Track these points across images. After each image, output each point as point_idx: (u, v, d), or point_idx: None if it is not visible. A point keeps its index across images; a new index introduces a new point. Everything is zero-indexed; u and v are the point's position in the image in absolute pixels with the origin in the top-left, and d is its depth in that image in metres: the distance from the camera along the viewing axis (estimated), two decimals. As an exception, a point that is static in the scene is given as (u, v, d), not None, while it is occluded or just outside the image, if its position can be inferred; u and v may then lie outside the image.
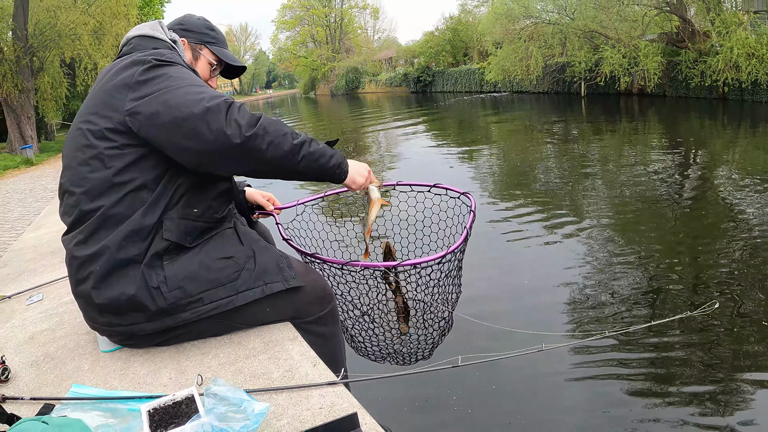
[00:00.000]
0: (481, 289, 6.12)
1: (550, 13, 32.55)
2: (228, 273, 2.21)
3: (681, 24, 25.49)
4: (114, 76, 2.19)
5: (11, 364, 2.41)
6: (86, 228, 2.17)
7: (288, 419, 1.75)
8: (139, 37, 2.42)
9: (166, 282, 2.13)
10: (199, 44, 2.59)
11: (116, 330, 2.26)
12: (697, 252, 6.71)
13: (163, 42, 2.42)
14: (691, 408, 3.87)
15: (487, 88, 44.42)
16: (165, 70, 2.14)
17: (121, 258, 2.13)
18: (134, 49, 2.37)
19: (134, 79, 2.11)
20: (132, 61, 2.18)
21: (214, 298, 2.18)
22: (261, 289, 2.24)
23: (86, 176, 2.16)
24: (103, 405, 1.98)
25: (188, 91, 2.06)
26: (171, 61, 2.20)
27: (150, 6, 36.97)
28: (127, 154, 2.13)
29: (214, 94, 2.06)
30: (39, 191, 14.48)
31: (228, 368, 2.11)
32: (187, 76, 2.15)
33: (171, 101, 2.04)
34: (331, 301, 2.45)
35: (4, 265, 4.64)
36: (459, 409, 4.15)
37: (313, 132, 29.52)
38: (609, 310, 5.41)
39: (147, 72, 2.12)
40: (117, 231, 2.12)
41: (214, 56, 2.62)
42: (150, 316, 2.17)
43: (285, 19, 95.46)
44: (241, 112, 2.02)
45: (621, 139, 16.34)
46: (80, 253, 2.17)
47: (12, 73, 23.43)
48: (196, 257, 2.20)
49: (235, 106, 2.03)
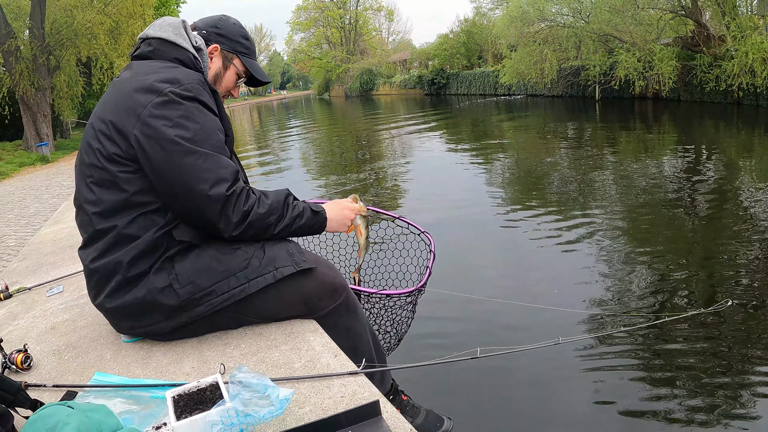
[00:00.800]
0: (498, 287, 6.28)
1: (565, 16, 32.39)
2: (238, 262, 2.21)
3: (696, 28, 25.36)
4: (130, 94, 2.17)
5: (33, 352, 2.43)
6: (100, 246, 2.21)
7: (310, 407, 1.77)
8: (161, 41, 2.37)
9: (177, 279, 2.16)
10: (231, 53, 2.55)
11: (137, 331, 2.32)
12: (711, 252, 6.73)
13: (186, 52, 2.37)
14: (704, 404, 3.90)
15: (501, 91, 44.28)
16: (180, 110, 2.12)
17: (134, 274, 2.18)
18: (153, 54, 2.36)
19: (146, 111, 2.10)
20: (149, 87, 2.14)
21: (225, 288, 2.19)
22: (272, 274, 2.22)
23: (100, 197, 2.19)
24: (125, 392, 2.00)
25: (195, 163, 2.09)
26: (189, 96, 2.16)
27: (166, 6, 37.14)
28: (143, 177, 2.16)
29: (219, 176, 2.11)
30: (55, 188, 14.61)
31: (250, 358, 2.13)
32: (200, 129, 2.14)
33: (176, 164, 2.08)
34: (344, 293, 2.41)
35: (23, 259, 4.71)
36: (478, 399, 4.21)
37: (326, 135, 29.53)
38: (624, 306, 5.48)
39: (161, 107, 2.11)
40: (129, 249, 2.16)
41: (244, 68, 2.59)
42: (167, 315, 2.21)
43: (300, 20, 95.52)
44: (236, 207, 2.13)
45: (635, 144, 16.28)
46: (96, 268, 2.23)
47: (29, 72, 23.64)
48: (204, 252, 2.22)
49: (232, 199, 2.12)
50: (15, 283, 3.78)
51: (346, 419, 1.59)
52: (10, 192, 14.89)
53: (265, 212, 2.19)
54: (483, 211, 9.70)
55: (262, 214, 2.19)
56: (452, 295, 5.32)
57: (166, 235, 2.20)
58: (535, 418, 4.00)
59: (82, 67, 27.51)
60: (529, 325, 5.20)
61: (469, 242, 8.05)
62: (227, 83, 2.57)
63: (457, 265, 6.92)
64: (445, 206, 10.15)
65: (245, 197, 2.15)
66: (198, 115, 2.15)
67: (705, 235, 7.47)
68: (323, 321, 2.38)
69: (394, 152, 18.97)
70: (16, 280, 3.92)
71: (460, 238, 8.18)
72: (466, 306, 5.55)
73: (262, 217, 2.19)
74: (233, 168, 2.16)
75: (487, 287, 6.32)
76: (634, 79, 26.51)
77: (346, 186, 12.95)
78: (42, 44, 23.56)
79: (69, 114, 30.46)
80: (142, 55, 2.38)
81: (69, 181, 15.58)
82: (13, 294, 3.52)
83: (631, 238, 7.53)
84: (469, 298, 5.85)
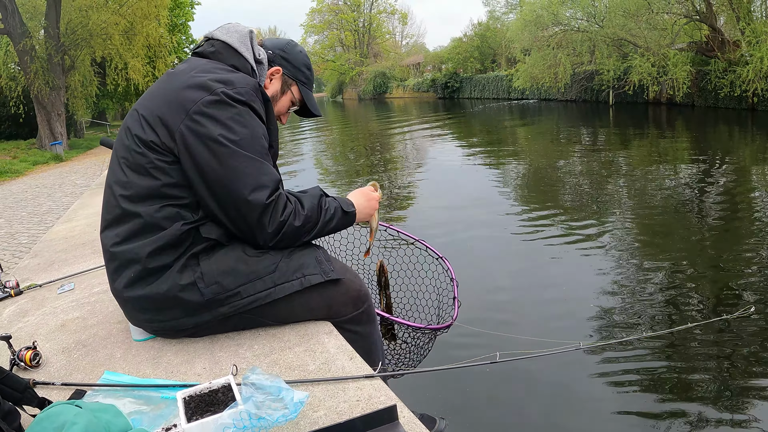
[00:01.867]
0: (514, 293, 6.26)
1: (579, 20, 32.35)
2: (266, 265, 2.18)
3: (710, 33, 25.23)
4: (182, 88, 2.17)
5: (42, 350, 2.42)
6: (123, 231, 2.18)
7: (325, 411, 1.74)
8: (224, 45, 2.38)
9: (203, 278, 2.14)
10: (292, 79, 2.57)
11: (154, 326, 2.29)
12: (730, 259, 6.67)
13: (245, 61, 2.37)
14: (727, 414, 3.85)
15: (514, 95, 44.23)
16: (229, 112, 2.11)
17: (155, 266, 2.15)
18: (213, 55, 2.36)
19: (196, 107, 2.10)
20: (202, 84, 2.15)
21: (251, 291, 2.17)
22: (300, 281, 2.20)
23: (131, 181, 2.17)
24: (135, 392, 1.98)
25: (239, 166, 2.08)
26: (241, 100, 2.14)
27: (180, 8, 37.30)
28: (179, 170, 2.15)
29: (260, 183, 2.10)
30: (68, 186, 14.68)
31: (263, 359, 2.10)
32: (247, 133, 2.13)
33: (219, 164, 2.08)
34: (367, 301, 2.40)
35: (35, 256, 4.70)
36: (497, 404, 4.20)
37: (339, 138, 29.56)
38: (645, 312, 5.45)
39: (211, 106, 2.10)
40: (154, 239, 2.13)
41: (300, 96, 2.61)
42: (190, 312, 2.19)
43: (314, 23, 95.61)
44: (272, 217, 2.13)
45: (649, 149, 16.19)
46: (117, 252, 2.19)
47: (43, 71, 23.82)
48: (232, 252, 2.20)
49: (269, 208, 2.11)
50: (26, 280, 3.76)
51: (362, 424, 1.55)
52: (23, 190, 14.96)
53: (300, 225, 2.18)
54: (496, 218, 9.69)
55: (297, 227, 2.18)
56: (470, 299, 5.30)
57: (193, 231, 2.18)
58: (551, 423, 3.98)
59: (97, 67, 27.68)
60: (549, 330, 5.19)
61: (484, 247, 8.02)
62: (280, 107, 2.59)
63: (475, 273, 6.89)
64: (459, 213, 10.15)
65: (283, 207, 2.14)
66: (247, 119, 2.14)
67: (723, 242, 7.39)
68: (342, 326, 2.36)
69: (407, 157, 18.94)
70: (27, 277, 3.90)
71: (475, 246, 8.15)
72: (485, 311, 5.56)
73: (296, 229, 2.18)
74: (275, 176, 2.16)
75: (503, 293, 6.28)
76: (648, 84, 26.42)
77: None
78: (57, 44, 23.72)
79: (83, 114, 30.67)
80: (203, 53, 2.40)
81: (82, 180, 15.67)
82: (23, 291, 3.50)
83: (649, 246, 7.47)
84: (488, 301, 5.86)
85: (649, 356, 4.65)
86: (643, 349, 4.75)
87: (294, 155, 21.84)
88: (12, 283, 3.54)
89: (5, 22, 22.92)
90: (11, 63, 26.29)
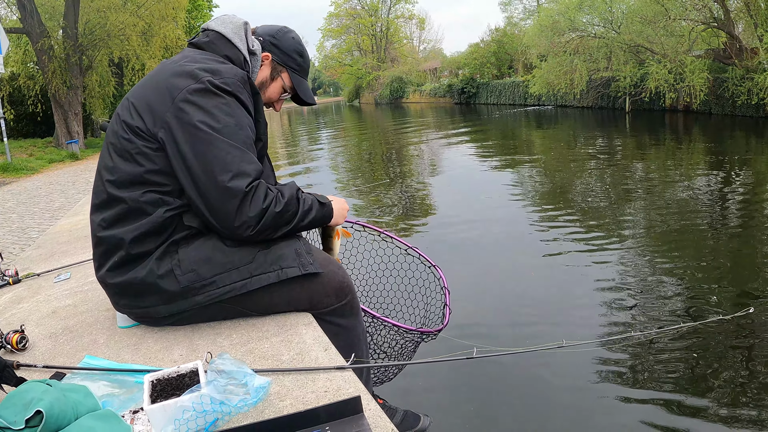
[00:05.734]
0: (511, 291, 6.28)
1: (596, 26, 32.19)
2: (243, 255, 2.19)
3: (728, 40, 25.04)
4: (170, 77, 2.19)
5: (30, 334, 2.47)
6: (109, 216, 2.21)
7: (291, 400, 1.74)
8: (218, 35, 2.40)
9: (179, 265, 2.15)
10: (281, 66, 2.57)
11: (135, 312, 2.32)
12: (735, 263, 6.64)
13: (238, 52, 2.39)
14: (717, 412, 3.82)
15: (530, 101, 44.09)
16: (214, 101, 2.13)
17: (138, 252, 2.17)
18: (207, 46, 2.39)
19: (181, 94, 2.12)
20: (189, 72, 2.17)
21: (227, 281, 2.17)
22: (276, 273, 2.20)
23: (117, 166, 2.20)
24: (112, 376, 2.02)
25: (219, 153, 2.08)
26: (227, 90, 2.16)
27: (198, 10, 37.53)
28: (163, 157, 2.15)
29: (241, 170, 2.08)
30: (81, 184, 14.80)
31: (239, 348, 2.12)
32: (230, 121, 2.13)
33: (200, 150, 2.08)
34: (350, 293, 2.39)
35: (38, 247, 4.76)
36: (472, 400, 4.16)
37: (356, 140, 29.64)
38: (637, 313, 5.44)
39: (195, 94, 2.12)
40: (138, 225, 2.16)
41: (291, 83, 2.60)
42: (165, 299, 2.20)
43: (331, 27, 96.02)
44: (253, 204, 2.09)
45: (665, 156, 16.09)
46: (102, 237, 2.23)
47: (61, 70, 24.03)
48: (210, 240, 2.21)
49: (250, 195, 2.08)
50: (26, 270, 3.82)
51: (325, 414, 1.55)
52: (37, 187, 15.10)
53: (281, 211, 2.15)
54: (510, 221, 9.71)
55: (278, 213, 2.14)
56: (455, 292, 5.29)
57: (176, 217, 2.20)
58: (530, 421, 3.95)
59: (114, 68, 27.84)
60: (535, 330, 5.19)
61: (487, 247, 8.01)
62: (270, 94, 2.59)
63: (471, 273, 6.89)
64: (471, 219, 10.14)
65: (264, 194, 2.11)
66: (232, 109, 2.16)
67: (730, 248, 7.34)
68: (325, 317, 2.36)
69: (423, 162, 18.89)
70: (28, 267, 3.97)
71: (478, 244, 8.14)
72: (467, 306, 5.57)
73: (277, 216, 2.14)
74: (257, 166, 2.14)
75: (495, 291, 6.29)
76: (665, 91, 26.22)
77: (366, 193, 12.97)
78: (75, 44, 23.93)
79: (100, 114, 30.83)
80: (198, 44, 2.42)
81: (96, 179, 15.76)
82: (22, 279, 3.58)
83: (652, 250, 7.42)
84: (471, 295, 5.85)
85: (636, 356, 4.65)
86: (631, 349, 4.75)
87: (310, 160, 21.94)
88: (11, 272, 3.61)
89: (24, 22, 23.18)
90: (30, 62, 26.54)
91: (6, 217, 10.61)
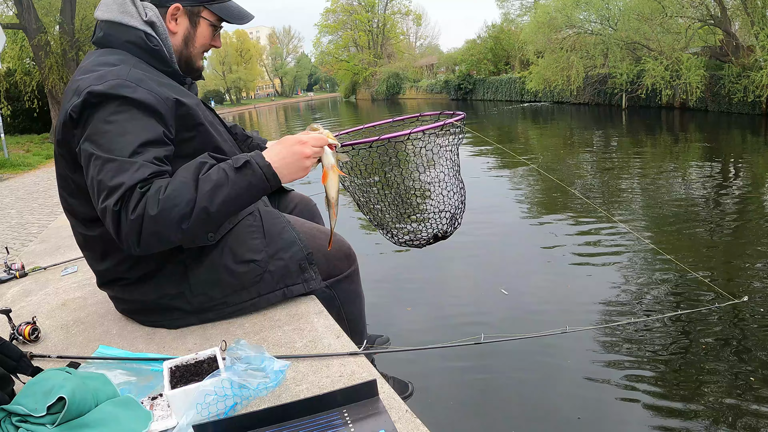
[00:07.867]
0: (513, 281, 6.32)
1: (593, 23, 32.16)
2: (251, 277, 2.22)
3: (725, 37, 25.07)
4: (65, 96, 2.01)
5: (42, 326, 2.49)
6: (94, 253, 2.25)
7: (307, 385, 1.78)
8: (109, 24, 2.12)
9: (190, 289, 2.19)
10: (196, 6, 2.18)
11: (149, 324, 2.36)
12: (730, 254, 6.78)
13: (136, 31, 2.08)
14: (712, 399, 3.90)
15: (527, 98, 44.00)
16: (96, 113, 1.88)
17: (140, 275, 2.19)
18: (105, 40, 2.13)
19: (68, 118, 1.93)
20: (75, 89, 1.94)
21: (237, 300, 2.24)
22: (282, 291, 2.27)
23: (75, 209, 2.19)
24: (127, 365, 2.04)
25: (96, 174, 1.82)
26: (108, 95, 1.88)
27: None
28: None
29: (110, 186, 1.77)
30: (80, 180, 14.79)
31: (252, 337, 2.15)
32: (110, 130, 1.85)
33: (88, 175, 1.87)
34: (355, 261, 2.46)
35: (42, 242, 4.77)
36: (479, 385, 4.22)
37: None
38: (637, 300, 5.60)
39: (76, 113, 1.90)
40: (126, 256, 2.14)
41: (215, 16, 2.23)
42: (178, 316, 2.25)
43: (328, 23, 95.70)
44: (123, 220, 1.76)
45: (661, 153, 16.15)
46: (99, 271, 2.28)
47: (58, 66, 24.01)
48: (219, 260, 2.17)
49: (122, 213, 1.76)
50: (32, 263, 3.83)
51: (342, 397, 1.59)
52: (35, 182, 15.12)
53: (160, 210, 1.74)
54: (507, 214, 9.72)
55: (157, 215, 1.74)
56: (461, 279, 5.33)
57: None
58: (532, 405, 4.02)
59: (111, 64, 27.81)
60: (539, 316, 5.26)
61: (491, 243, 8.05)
62: (202, 40, 2.25)
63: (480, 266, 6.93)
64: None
65: (134, 204, 1.74)
66: (115, 114, 1.88)
67: (726, 240, 7.42)
68: (341, 285, 2.40)
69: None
70: (33, 261, 3.97)
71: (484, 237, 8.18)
72: (473, 293, 5.61)
73: (154, 219, 1.74)
74: (135, 173, 1.78)
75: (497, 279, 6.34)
76: (661, 88, 26.22)
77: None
78: (71, 40, 23.92)
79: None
80: (98, 41, 2.17)
81: (94, 174, 15.75)
82: (28, 273, 3.59)
83: (652, 241, 7.47)
84: (477, 284, 5.90)
85: (635, 341, 4.77)
86: (630, 335, 4.88)
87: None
88: (17, 266, 3.61)
89: (21, 18, 23.17)
90: (26, 58, 26.53)
91: (5, 213, 10.63)
